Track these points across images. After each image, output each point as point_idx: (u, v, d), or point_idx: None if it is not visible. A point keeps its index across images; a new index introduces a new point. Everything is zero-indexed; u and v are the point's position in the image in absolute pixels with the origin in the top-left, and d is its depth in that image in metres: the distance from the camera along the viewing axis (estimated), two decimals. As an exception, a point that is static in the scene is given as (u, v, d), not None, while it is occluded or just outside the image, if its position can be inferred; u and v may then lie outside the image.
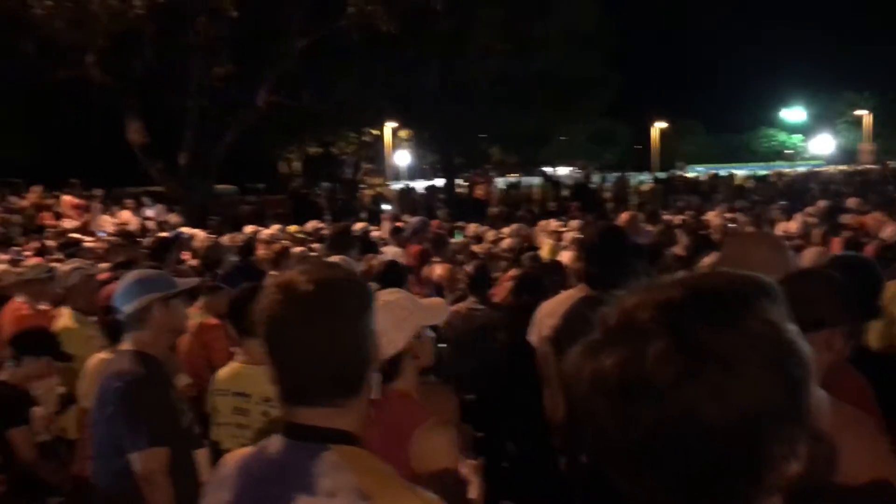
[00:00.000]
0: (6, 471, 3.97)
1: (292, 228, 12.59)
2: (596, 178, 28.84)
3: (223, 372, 3.55)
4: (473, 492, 2.60)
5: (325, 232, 11.55)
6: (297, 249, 8.75)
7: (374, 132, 35.72)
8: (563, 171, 46.11)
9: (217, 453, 3.56)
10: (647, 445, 0.88)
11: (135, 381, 3.08)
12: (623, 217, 8.97)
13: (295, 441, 1.53)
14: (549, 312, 3.78)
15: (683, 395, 0.86)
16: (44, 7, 15.82)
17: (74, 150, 24.75)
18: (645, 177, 31.86)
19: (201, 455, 3.30)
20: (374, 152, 41.27)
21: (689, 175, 32.40)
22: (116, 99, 19.44)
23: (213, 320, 5.33)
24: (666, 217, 13.07)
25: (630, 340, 0.90)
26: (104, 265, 6.72)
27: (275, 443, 1.56)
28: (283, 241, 9.95)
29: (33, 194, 18.15)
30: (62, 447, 4.60)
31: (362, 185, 23.98)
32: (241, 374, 3.47)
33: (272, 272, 7.78)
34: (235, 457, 1.63)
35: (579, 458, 3.72)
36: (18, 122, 21.72)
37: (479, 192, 21.38)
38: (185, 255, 8.89)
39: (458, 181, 26.91)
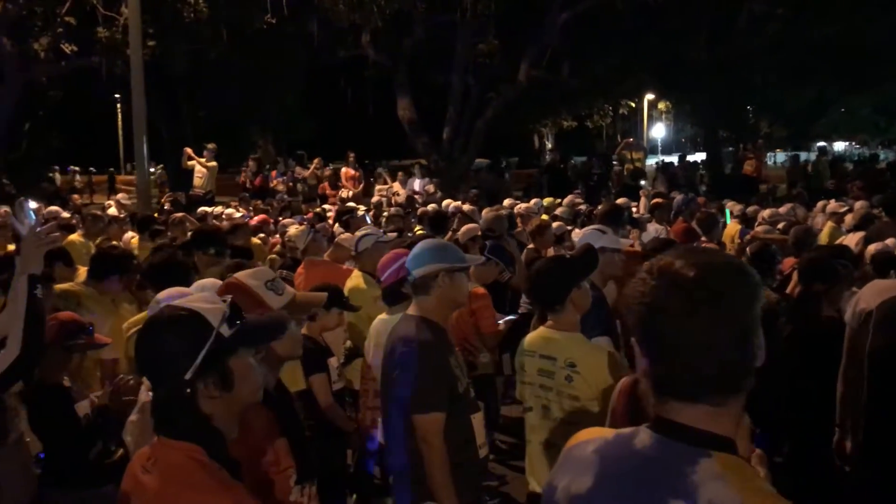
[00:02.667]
0: (308, 417, 4.36)
1: (548, 202, 12.62)
2: (883, 153, 25.84)
3: (532, 335, 3.69)
4: (760, 483, 2.45)
5: (582, 207, 11.48)
6: (555, 224, 8.78)
7: (631, 104, 34.91)
8: (839, 145, 42.07)
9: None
10: None
11: (419, 347, 3.25)
12: (922, 199, 8.00)
13: (667, 439, 1.43)
14: (876, 292, 3.48)
15: None
16: (329, -10, 17.20)
17: (350, 125, 26.81)
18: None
19: (476, 420, 3.43)
20: (630, 125, 40.37)
21: None
22: (388, 77, 20.71)
23: (481, 289, 5.50)
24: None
25: None
26: (392, 234, 7.19)
27: (642, 436, 1.48)
28: (542, 216, 10.06)
29: (314, 166, 19.84)
30: (349, 396, 5.03)
31: (617, 160, 23.48)
32: (549, 338, 3.57)
33: (530, 246, 7.92)
34: (591, 441, 1.57)
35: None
36: (303, 100, 23.84)
37: (749, 168, 19.93)
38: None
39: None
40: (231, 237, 6.98)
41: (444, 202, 12.10)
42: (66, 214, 11.33)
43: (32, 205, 3.19)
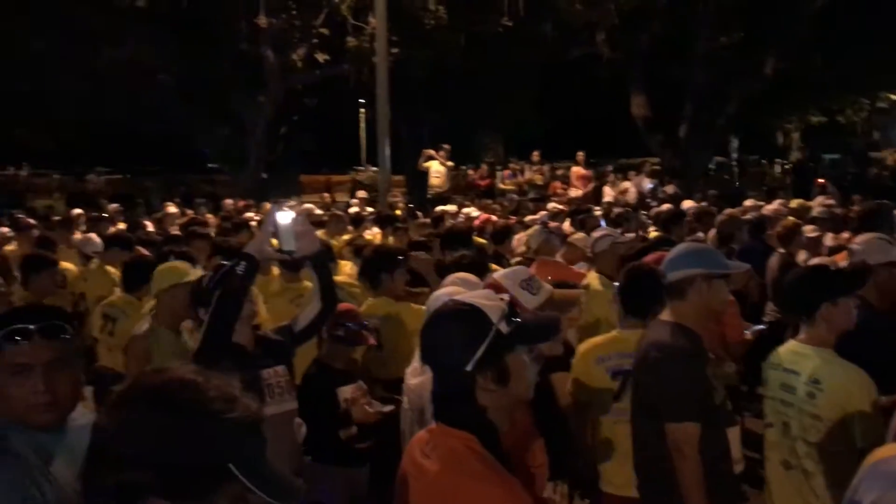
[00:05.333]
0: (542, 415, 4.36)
1: (795, 203, 11.75)
2: None
3: (781, 347, 3.49)
4: None
5: (837, 211, 10.57)
6: (808, 227, 8.15)
7: (891, 97, 31.60)
8: None
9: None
10: None
11: (673, 354, 3.14)
12: None
13: None
14: None
15: None
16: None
17: (581, 124, 26.60)
18: None
19: (733, 433, 3.27)
20: (889, 121, 36.51)
21: None
22: (622, 74, 20.33)
23: (729, 296, 5.23)
24: None
25: None
26: (630, 235, 7.05)
27: None
28: (790, 218, 9.40)
29: (542, 165, 19.90)
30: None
31: (877, 157, 21.36)
32: (796, 352, 3.37)
33: (781, 250, 7.39)
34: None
35: None
36: (533, 99, 23.99)
37: None
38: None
39: None
40: (498, 240, 7.20)
41: (684, 203, 11.66)
42: (318, 211, 12.25)
43: (287, 213, 3.39)
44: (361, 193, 15.84)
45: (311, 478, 3.91)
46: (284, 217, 3.29)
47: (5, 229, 9.99)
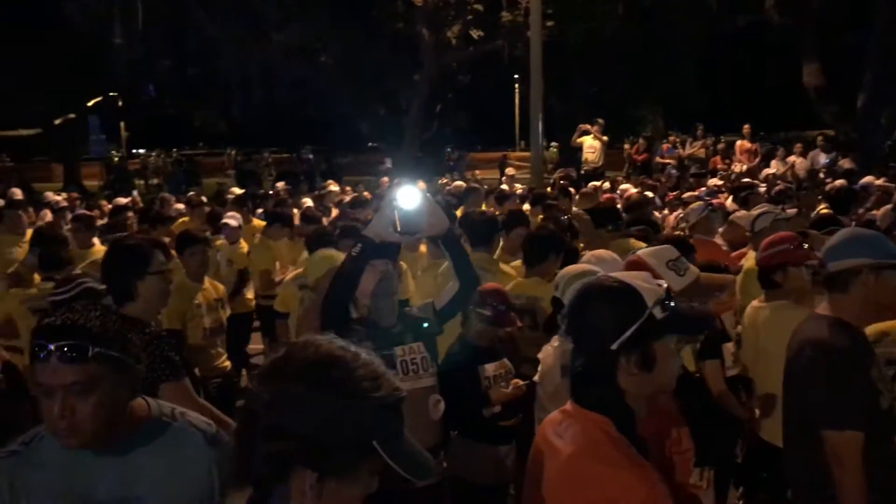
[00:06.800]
0: (693, 402, 4.18)
1: None
2: None
3: None
4: None
5: None
6: None
7: None
8: None
9: None
10: None
11: (833, 354, 2.83)
12: None
13: None
14: None
15: None
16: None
17: (747, 95, 25.27)
18: None
19: (902, 440, 2.97)
20: None
21: None
22: (792, 41, 19.12)
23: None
24: None
25: None
26: (791, 210, 6.59)
27: None
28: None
29: (701, 139, 19.02)
30: (741, 385, 4.72)
31: None
32: None
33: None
34: None
35: None
36: (696, 69, 23.00)
37: None
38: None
39: None
40: (633, 214, 6.99)
41: (865, 179, 10.79)
42: (460, 184, 12.33)
43: (411, 193, 3.36)
44: (510, 170, 15.78)
45: (457, 454, 3.96)
46: (407, 198, 3.30)
47: (181, 206, 10.71)
